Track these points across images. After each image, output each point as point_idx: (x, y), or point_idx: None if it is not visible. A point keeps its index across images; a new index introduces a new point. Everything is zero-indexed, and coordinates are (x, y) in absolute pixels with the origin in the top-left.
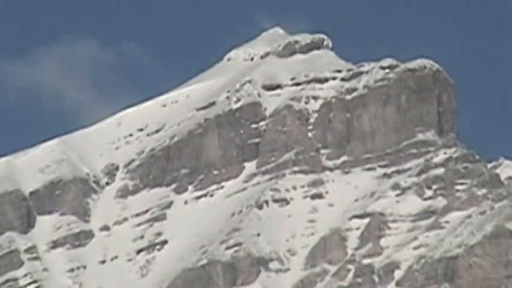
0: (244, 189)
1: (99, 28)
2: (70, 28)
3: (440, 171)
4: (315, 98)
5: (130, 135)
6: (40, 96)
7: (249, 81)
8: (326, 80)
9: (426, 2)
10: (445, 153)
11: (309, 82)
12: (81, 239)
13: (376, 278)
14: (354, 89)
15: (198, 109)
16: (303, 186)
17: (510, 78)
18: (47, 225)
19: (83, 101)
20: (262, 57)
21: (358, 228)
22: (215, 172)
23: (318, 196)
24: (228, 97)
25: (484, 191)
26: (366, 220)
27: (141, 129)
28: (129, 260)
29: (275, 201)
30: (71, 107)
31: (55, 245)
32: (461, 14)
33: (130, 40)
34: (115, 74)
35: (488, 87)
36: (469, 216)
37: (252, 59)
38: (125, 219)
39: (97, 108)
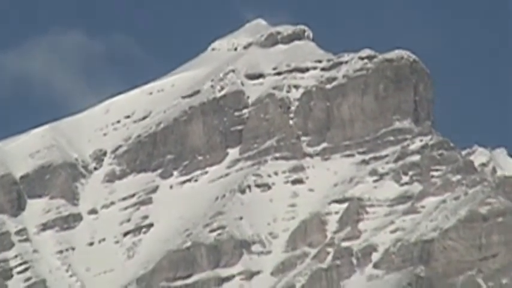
0: (227, 174)
1: (88, 19)
2: (60, 19)
3: (416, 157)
4: (296, 87)
5: (118, 122)
6: (31, 85)
7: (233, 71)
8: (307, 69)
9: None
10: (421, 140)
11: (290, 71)
12: (70, 221)
13: (354, 260)
14: (334, 79)
15: (183, 97)
16: (284, 172)
17: (484, 69)
18: (37, 209)
19: (72, 89)
20: (245, 48)
21: (337, 213)
22: (199, 158)
23: (299, 181)
24: (212, 86)
25: (459, 177)
26: (345, 205)
27: (128, 117)
28: (116, 242)
29: (257, 186)
30: (60, 95)
31: (45, 227)
32: (437, 7)
33: (117, 31)
34: (103, 63)
35: (463, 78)
36: (444, 201)
37: (235, 49)
38: (112, 203)
39: (86, 96)
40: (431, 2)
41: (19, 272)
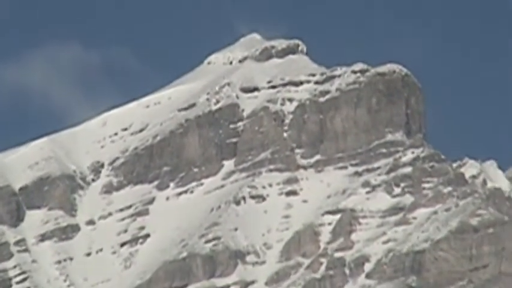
0: (222, 186)
1: (85, 32)
2: (57, 32)
3: (408, 169)
4: (290, 100)
5: (115, 134)
6: (29, 97)
7: (228, 84)
8: (301, 83)
9: (396, 10)
10: (412, 152)
11: (284, 85)
12: (68, 232)
13: (347, 271)
14: (327, 92)
15: (180, 110)
16: (278, 184)
17: (474, 83)
18: (35, 219)
19: (70, 101)
20: (240, 61)
21: (330, 224)
22: (195, 170)
23: (293, 193)
24: (208, 99)
25: (450, 188)
26: (338, 216)
27: (126, 129)
28: (114, 252)
29: (252, 197)
30: (58, 107)
31: (43, 238)
32: (428, 21)
33: (114, 44)
34: (100, 76)
35: (453, 91)
36: (435, 212)
37: (230, 63)
38: (110, 213)
39: (83, 108)
40: (422, 17)
41: (18, 282)
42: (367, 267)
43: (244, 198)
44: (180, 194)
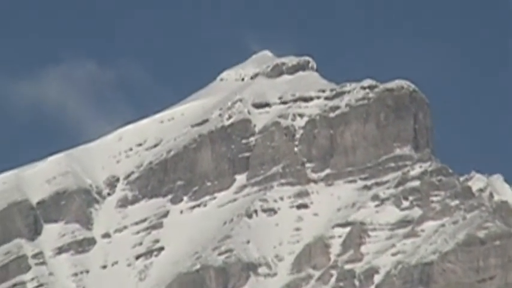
0: (235, 199)
1: (99, 49)
2: (72, 49)
3: (416, 183)
4: (301, 115)
5: (130, 149)
6: (45, 114)
7: (240, 100)
8: (311, 98)
9: (404, 28)
10: (420, 167)
11: (295, 101)
12: (84, 245)
13: (357, 282)
14: (337, 107)
15: (193, 125)
16: (289, 197)
17: (480, 98)
18: (52, 233)
19: (86, 117)
20: (252, 78)
21: (340, 236)
22: (208, 184)
23: (303, 206)
24: (220, 114)
25: (457, 202)
26: (348, 228)
27: (140, 144)
28: (129, 265)
29: (264, 210)
30: (74, 123)
31: (60, 251)
32: (435, 38)
33: (129, 61)
34: (115, 92)
35: (460, 107)
36: (443, 225)
37: (242, 79)
38: (125, 227)
39: (99, 124)
40: (429, 34)
41: None
42: (377, 278)
43: (256, 211)
44: (193, 207)
